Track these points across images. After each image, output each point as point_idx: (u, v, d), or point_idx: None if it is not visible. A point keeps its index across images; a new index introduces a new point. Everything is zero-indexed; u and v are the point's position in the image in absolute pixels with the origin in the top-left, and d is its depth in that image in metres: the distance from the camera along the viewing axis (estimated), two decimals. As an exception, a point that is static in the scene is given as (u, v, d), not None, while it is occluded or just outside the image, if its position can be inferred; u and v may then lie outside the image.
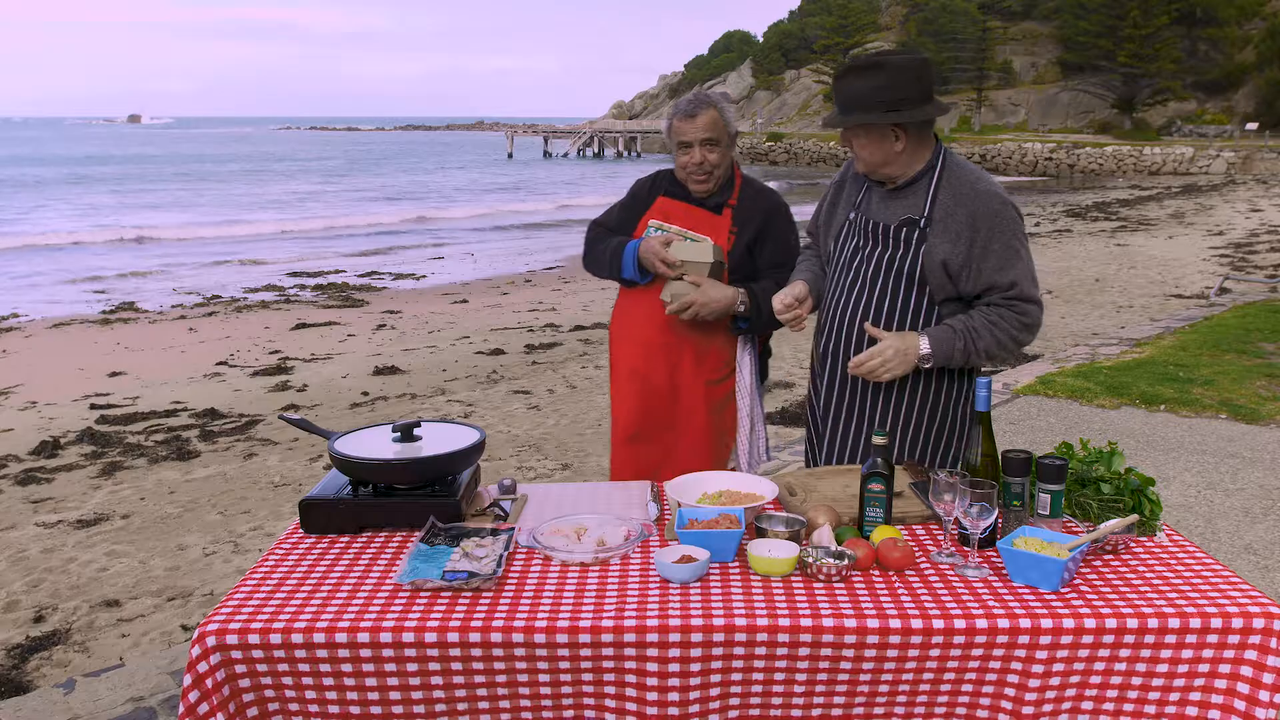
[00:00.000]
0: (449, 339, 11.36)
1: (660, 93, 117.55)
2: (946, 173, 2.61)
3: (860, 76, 2.55)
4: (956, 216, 2.55)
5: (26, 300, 15.20)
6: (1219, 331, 9.06)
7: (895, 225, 2.62)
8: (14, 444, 7.43)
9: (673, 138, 3.08)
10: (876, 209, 2.69)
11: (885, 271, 2.64)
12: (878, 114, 2.52)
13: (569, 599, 1.90)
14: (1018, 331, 2.57)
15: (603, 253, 3.18)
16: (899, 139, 2.56)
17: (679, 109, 3.08)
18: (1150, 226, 22.64)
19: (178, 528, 5.66)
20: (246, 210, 32.11)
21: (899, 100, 2.52)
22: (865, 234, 2.70)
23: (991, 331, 2.55)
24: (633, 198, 3.27)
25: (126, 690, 3.15)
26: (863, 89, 2.53)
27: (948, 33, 72.77)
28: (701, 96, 3.09)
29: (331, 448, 2.32)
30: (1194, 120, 59.85)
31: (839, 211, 2.83)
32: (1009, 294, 2.56)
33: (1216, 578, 1.98)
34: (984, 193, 2.57)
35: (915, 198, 2.62)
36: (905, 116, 2.52)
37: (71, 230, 25.30)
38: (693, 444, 3.13)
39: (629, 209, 3.25)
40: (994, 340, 2.55)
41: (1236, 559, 4.32)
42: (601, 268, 3.20)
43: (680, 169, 3.10)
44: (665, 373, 3.12)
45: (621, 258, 3.10)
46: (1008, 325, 2.55)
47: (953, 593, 1.91)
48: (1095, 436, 5.70)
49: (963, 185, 2.58)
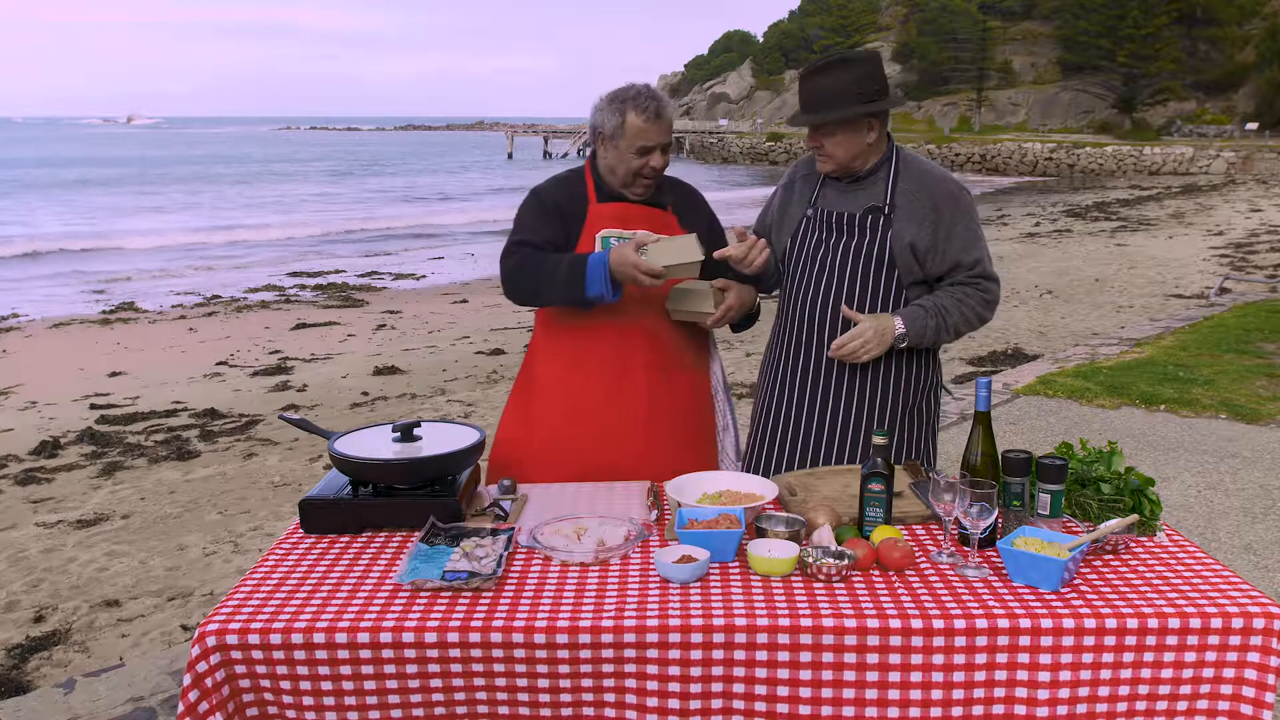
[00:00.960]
0: (449, 339, 11.37)
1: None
2: (902, 162, 2.71)
3: (830, 74, 2.60)
4: (920, 201, 2.65)
5: (26, 300, 15.21)
6: (1219, 331, 9.06)
7: (860, 214, 2.69)
8: (14, 444, 7.43)
9: (627, 138, 2.69)
10: (836, 201, 2.75)
11: (854, 259, 2.70)
12: (859, 105, 2.58)
13: (569, 599, 1.90)
14: (982, 308, 2.69)
15: (550, 272, 2.71)
16: (871, 130, 2.64)
17: (639, 105, 2.69)
18: (1150, 226, 22.64)
19: (178, 528, 5.66)
20: (244, 213, 32.01)
21: (875, 91, 2.60)
22: (828, 226, 2.75)
23: (959, 309, 2.66)
24: (544, 212, 2.83)
25: (126, 690, 3.15)
26: (837, 84, 2.58)
27: (948, 33, 72.79)
28: (660, 93, 2.75)
29: (331, 448, 2.32)
30: (1194, 120, 59.85)
31: (792, 210, 2.86)
32: (973, 272, 2.68)
33: (1216, 578, 1.97)
34: (942, 178, 2.71)
35: (876, 187, 2.70)
36: (882, 105, 2.61)
37: (65, 235, 24.83)
38: (685, 445, 2.89)
39: (550, 222, 2.81)
40: (962, 317, 2.66)
41: (1236, 559, 4.32)
42: (550, 289, 2.72)
43: (627, 173, 2.74)
44: (650, 379, 2.81)
45: (585, 274, 2.65)
46: (973, 302, 2.67)
47: (953, 593, 1.91)
48: (1095, 436, 5.71)
49: (920, 173, 2.69)
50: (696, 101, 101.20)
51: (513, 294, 2.82)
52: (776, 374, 2.88)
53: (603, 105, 2.75)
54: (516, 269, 2.77)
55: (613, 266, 2.62)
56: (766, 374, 2.95)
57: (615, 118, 2.69)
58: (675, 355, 2.87)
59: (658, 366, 2.83)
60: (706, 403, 2.96)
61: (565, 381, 2.82)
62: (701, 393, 2.94)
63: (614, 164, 2.76)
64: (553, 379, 2.85)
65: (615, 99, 2.73)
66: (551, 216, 2.81)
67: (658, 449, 2.78)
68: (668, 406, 2.83)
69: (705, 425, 2.96)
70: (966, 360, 9.47)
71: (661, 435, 2.80)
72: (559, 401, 2.82)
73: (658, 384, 2.82)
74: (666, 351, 2.85)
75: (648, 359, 2.81)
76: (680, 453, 2.81)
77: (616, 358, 2.80)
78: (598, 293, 2.65)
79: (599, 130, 2.75)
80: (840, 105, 2.58)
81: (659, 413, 2.81)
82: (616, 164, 2.75)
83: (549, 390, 2.85)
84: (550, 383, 2.85)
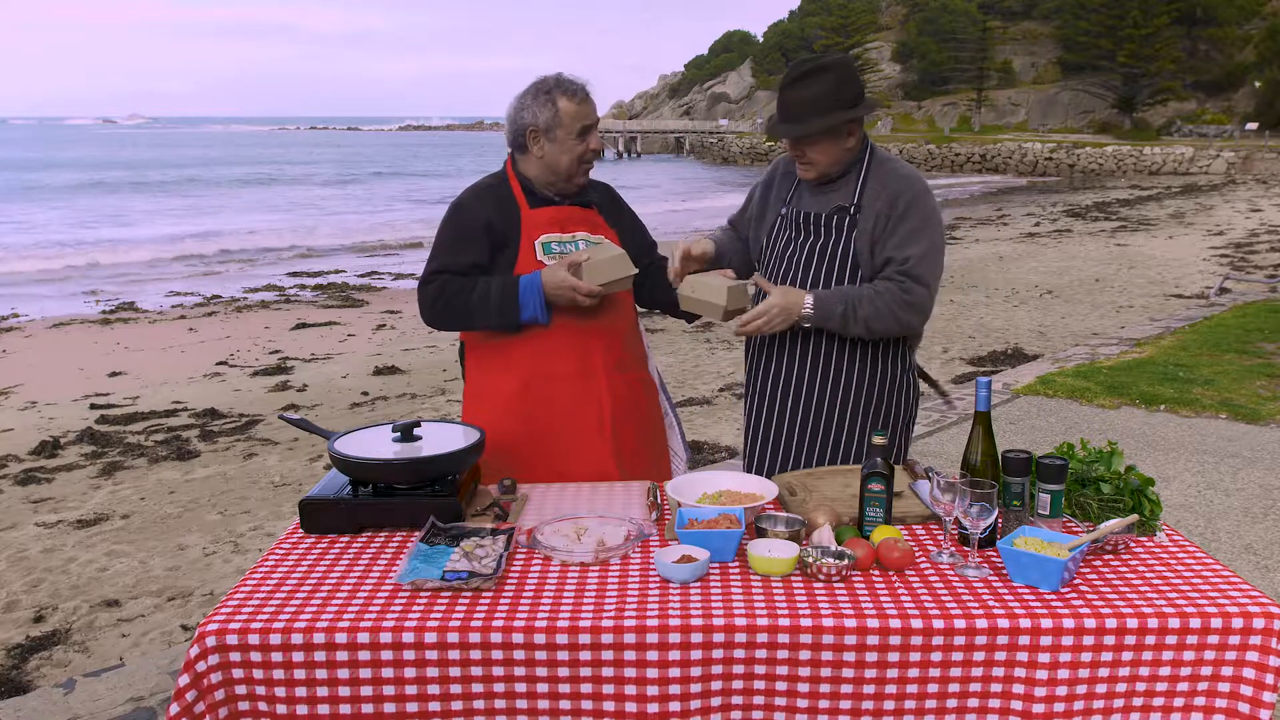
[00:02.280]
0: (449, 339, 11.36)
1: (660, 93, 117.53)
2: (874, 162, 2.70)
3: (807, 83, 2.58)
4: (880, 198, 2.65)
5: (26, 300, 15.21)
6: (1219, 331, 9.06)
7: (827, 214, 2.70)
8: (14, 444, 7.43)
9: (565, 125, 2.64)
10: (808, 202, 2.76)
11: (819, 259, 2.71)
12: (840, 112, 2.57)
13: (569, 599, 1.90)
14: (899, 309, 2.58)
15: (480, 300, 2.65)
16: (851, 135, 2.64)
17: (567, 90, 2.65)
18: (1150, 226, 22.64)
19: (178, 528, 5.66)
20: (244, 213, 31.91)
21: (853, 96, 2.60)
22: (797, 226, 2.76)
23: (873, 302, 2.59)
24: (464, 234, 2.72)
25: (126, 690, 3.15)
26: (816, 93, 2.57)
27: (948, 33, 72.79)
28: (574, 76, 2.71)
29: (331, 448, 2.32)
30: (1194, 120, 59.87)
31: (770, 209, 2.88)
32: (901, 268, 2.60)
33: (1216, 578, 1.98)
34: (905, 177, 2.69)
35: (846, 187, 2.70)
36: (861, 110, 2.61)
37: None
38: (646, 443, 2.90)
39: (470, 243, 2.71)
40: (873, 310, 2.58)
41: (1236, 559, 4.32)
42: (481, 317, 2.67)
43: (572, 162, 2.69)
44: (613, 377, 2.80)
45: (518, 299, 2.62)
46: (889, 299, 2.59)
47: (953, 593, 1.91)
48: (1095, 436, 5.71)
49: (888, 172, 2.68)
50: (696, 101, 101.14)
51: (435, 321, 2.74)
52: (755, 375, 2.90)
53: (527, 102, 2.68)
54: (439, 297, 2.70)
55: (548, 291, 2.62)
56: (747, 375, 2.96)
57: (548, 109, 2.64)
58: (631, 355, 2.87)
59: (616, 367, 2.80)
60: (656, 399, 2.98)
61: (523, 392, 2.74)
62: (651, 390, 2.95)
63: (554, 158, 2.68)
64: (505, 388, 2.76)
65: (540, 91, 2.67)
66: (473, 236, 2.71)
67: (623, 452, 2.77)
68: (630, 407, 2.81)
69: (658, 422, 2.97)
70: (966, 360, 9.47)
71: (623, 436, 2.78)
72: (516, 412, 2.74)
73: (619, 384, 2.80)
74: (622, 352, 2.84)
75: (606, 360, 2.78)
76: (639, 452, 2.82)
77: (578, 358, 2.75)
78: (531, 316, 2.65)
79: (531, 128, 2.67)
80: (821, 114, 2.57)
81: (621, 414, 2.78)
82: (558, 156, 2.68)
83: (504, 398, 2.76)
84: (503, 391, 2.76)
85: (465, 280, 2.69)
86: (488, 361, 2.80)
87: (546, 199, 2.76)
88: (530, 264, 2.71)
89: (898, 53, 79.29)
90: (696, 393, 8.33)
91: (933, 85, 75.30)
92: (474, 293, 2.67)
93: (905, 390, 2.81)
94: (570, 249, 2.75)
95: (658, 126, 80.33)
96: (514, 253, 2.72)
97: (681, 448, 3.03)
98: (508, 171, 2.80)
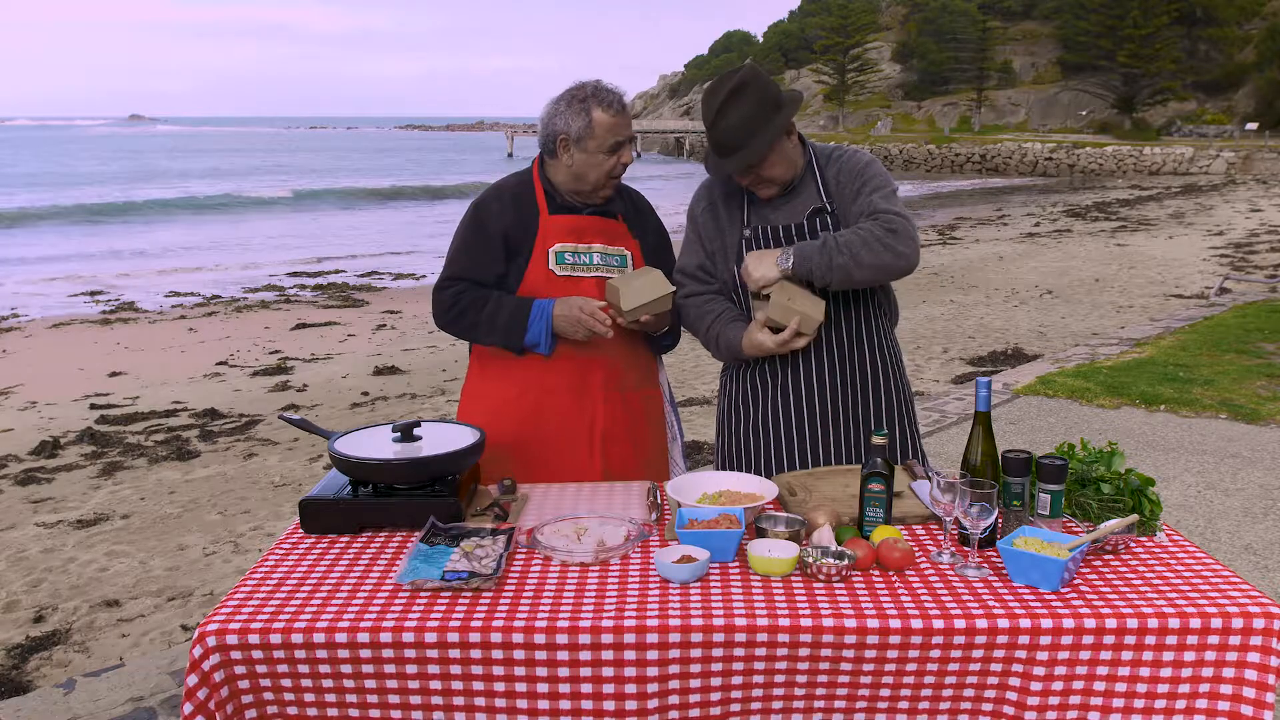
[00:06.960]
0: (449, 339, 11.36)
1: (660, 93, 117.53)
2: (819, 157, 2.69)
3: (734, 109, 2.50)
4: (841, 184, 2.64)
5: (26, 300, 15.21)
6: (1219, 331, 9.06)
7: (805, 220, 2.65)
8: (14, 444, 7.43)
9: (597, 137, 2.56)
10: (775, 216, 2.67)
11: None
12: (776, 119, 2.51)
13: (569, 599, 1.90)
14: (883, 233, 2.48)
15: (489, 318, 2.63)
16: (791, 133, 2.61)
17: (604, 100, 2.56)
18: (1150, 226, 22.64)
19: (178, 528, 5.67)
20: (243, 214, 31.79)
21: (775, 98, 2.55)
22: (775, 241, 2.65)
23: (855, 232, 2.50)
24: (484, 237, 2.66)
25: (126, 690, 3.15)
26: (746, 113, 2.50)
27: (948, 33, 72.75)
28: (613, 85, 2.61)
29: (331, 448, 2.32)
30: (1194, 120, 59.85)
31: (727, 235, 2.72)
32: (871, 211, 2.55)
33: (1216, 578, 1.97)
34: (851, 154, 2.68)
35: (807, 189, 2.66)
36: (791, 106, 2.56)
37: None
38: (646, 455, 2.85)
39: (489, 249, 2.66)
40: (855, 236, 2.48)
41: (1236, 559, 4.32)
42: (487, 334, 2.65)
43: (600, 177, 2.61)
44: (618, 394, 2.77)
45: (525, 324, 2.60)
46: (870, 228, 2.50)
47: (953, 593, 1.91)
48: (1095, 436, 5.71)
49: (833, 159, 2.68)
50: (696, 101, 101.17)
51: (444, 326, 2.73)
52: (755, 389, 2.76)
53: (561, 108, 2.59)
54: (453, 306, 2.68)
55: (558, 325, 2.59)
56: (739, 391, 2.80)
57: (581, 118, 2.55)
58: (636, 372, 2.81)
59: (617, 385, 2.76)
60: (660, 418, 2.91)
61: (518, 399, 2.73)
62: (656, 403, 2.89)
63: (583, 169, 2.60)
64: (501, 393, 2.75)
65: (575, 98, 2.58)
66: (492, 241, 2.66)
67: (611, 473, 2.73)
68: (625, 426, 2.77)
69: (659, 436, 2.90)
70: (966, 360, 9.47)
71: (613, 456, 2.75)
72: (509, 417, 2.72)
73: (615, 404, 2.76)
74: (625, 370, 2.77)
75: (606, 377, 2.74)
76: (631, 471, 2.75)
77: (577, 374, 2.71)
78: (533, 342, 2.62)
79: (562, 135, 2.59)
80: (759, 131, 2.50)
81: (615, 434, 2.75)
82: (586, 169, 2.60)
83: (499, 403, 2.75)
84: (498, 396, 2.75)
85: (479, 293, 2.66)
86: (489, 365, 2.79)
87: (568, 206, 2.69)
88: (541, 270, 2.67)
89: (898, 53, 79.26)
90: (696, 393, 8.33)
91: (933, 85, 75.27)
92: (484, 309, 2.64)
93: (896, 386, 2.76)
94: (584, 260, 2.69)
95: (658, 126, 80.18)
96: (526, 260, 2.68)
97: (681, 459, 2.99)
98: (534, 173, 2.74)
